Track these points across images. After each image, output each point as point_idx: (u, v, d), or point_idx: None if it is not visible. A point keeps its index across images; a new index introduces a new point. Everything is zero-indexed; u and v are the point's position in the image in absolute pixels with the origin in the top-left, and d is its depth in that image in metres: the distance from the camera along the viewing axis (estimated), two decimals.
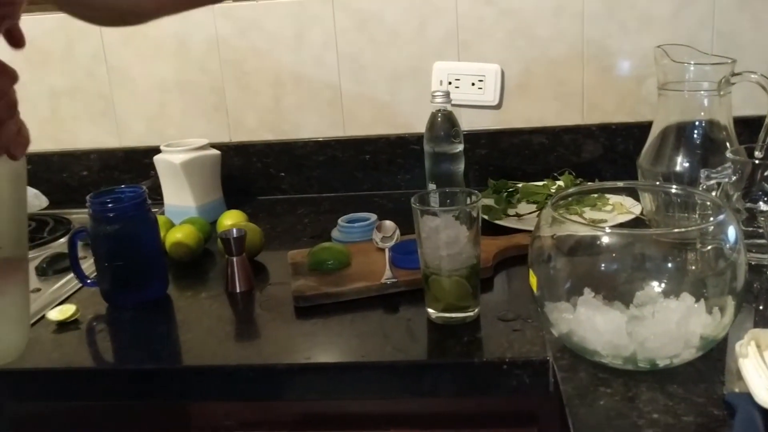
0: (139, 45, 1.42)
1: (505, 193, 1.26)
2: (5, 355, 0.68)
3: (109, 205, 0.96)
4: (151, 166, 1.33)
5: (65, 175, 1.48)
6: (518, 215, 1.18)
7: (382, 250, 0.98)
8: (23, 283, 0.68)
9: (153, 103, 1.44)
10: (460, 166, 1.19)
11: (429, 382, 0.78)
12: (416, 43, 1.37)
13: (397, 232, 0.99)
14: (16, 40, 0.66)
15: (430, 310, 0.86)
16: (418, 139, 1.31)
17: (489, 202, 1.21)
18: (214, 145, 1.34)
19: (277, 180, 1.44)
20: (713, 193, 0.88)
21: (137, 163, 1.45)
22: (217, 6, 1.38)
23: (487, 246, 0.97)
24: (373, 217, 1.16)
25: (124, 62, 1.43)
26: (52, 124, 1.47)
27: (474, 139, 1.37)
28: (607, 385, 0.67)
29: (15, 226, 0.66)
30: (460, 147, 1.18)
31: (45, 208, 1.43)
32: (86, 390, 0.84)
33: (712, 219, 0.71)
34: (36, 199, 1.42)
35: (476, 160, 1.39)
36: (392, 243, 0.98)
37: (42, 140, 1.45)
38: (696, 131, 1.01)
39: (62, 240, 1.25)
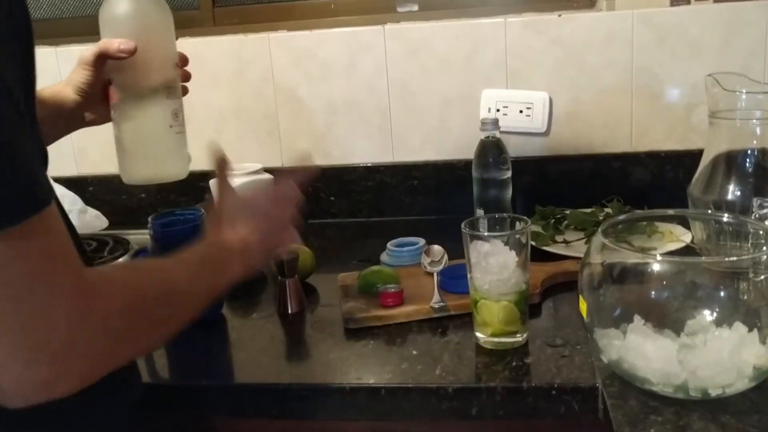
0: (198, 74, 1.47)
1: (553, 220, 1.26)
2: (182, 171, 0.91)
3: (171, 227, 1.00)
4: (207, 189, 1.38)
5: (124, 197, 1.53)
6: (566, 242, 1.18)
7: (431, 274, 0.99)
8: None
9: (210, 129, 1.49)
10: (508, 193, 1.20)
11: (477, 407, 0.79)
12: (465, 71, 1.39)
13: (445, 256, 1.01)
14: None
15: (479, 335, 0.87)
16: (465, 165, 1.33)
17: (536, 228, 1.22)
18: (267, 170, 1.38)
19: (327, 204, 1.47)
20: (766, 222, 0.87)
21: (193, 187, 1.49)
22: (273, 35, 1.43)
23: (535, 272, 0.98)
24: (422, 241, 1.18)
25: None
26: (113, 149, 1.53)
27: (522, 165, 1.37)
28: (657, 413, 0.67)
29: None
30: (508, 173, 1.19)
31: (105, 229, 1.49)
32: (144, 403, 0.87)
33: (765, 248, 0.71)
34: (97, 220, 1.48)
35: (524, 186, 1.39)
36: (441, 267, 0.99)
37: (103, 163, 1.52)
38: (748, 159, 1.00)
39: (121, 259, 1.29)
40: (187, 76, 0.93)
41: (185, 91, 0.92)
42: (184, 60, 0.91)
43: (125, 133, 0.86)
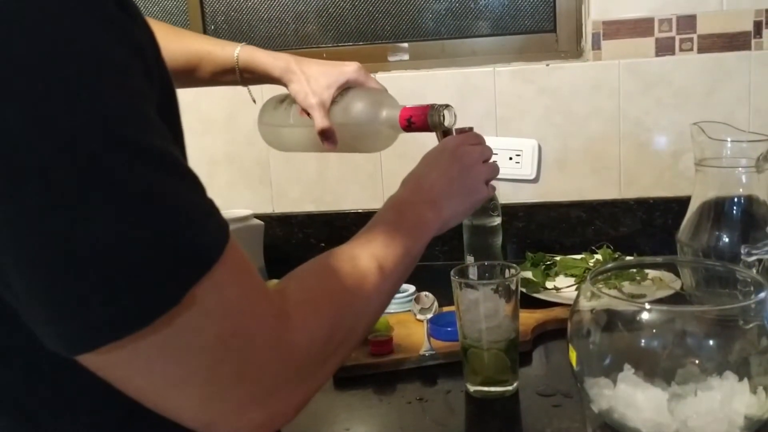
0: (191, 120, 1.49)
1: (543, 266, 1.26)
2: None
3: None
4: None
5: None
6: (556, 288, 1.18)
7: (421, 321, 0.99)
8: None
9: (201, 174, 1.49)
10: (498, 239, 1.20)
11: None
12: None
13: (435, 303, 1.00)
14: None
15: (469, 385, 0.86)
16: None
17: (527, 275, 1.22)
18: (257, 216, 1.38)
19: (317, 250, 1.46)
20: (754, 270, 0.88)
21: None
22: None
23: (525, 319, 0.97)
24: (412, 288, 1.18)
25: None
26: None
27: (512, 212, 1.38)
28: None
29: None
30: (498, 220, 1.19)
31: None
32: None
33: (753, 297, 0.71)
34: None
35: (514, 232, 1.40)
36: (431, 315, 0.98)
37: None
38: (735, 207, 1.01)
39: None
40: None
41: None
42: None
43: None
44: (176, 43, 0.89)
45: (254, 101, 1.02)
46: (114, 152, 0.39)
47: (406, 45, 1.48)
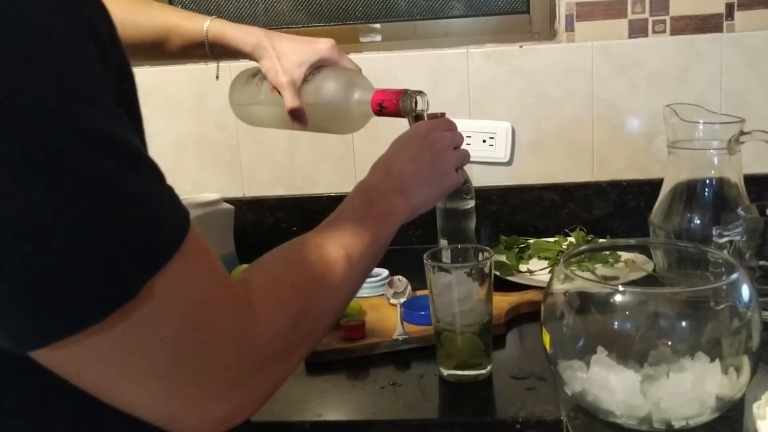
0: (157, 102, 1.46)
1: (517, 249, 1.26)
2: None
3: None
4: None
5: None
6: (530, 271, 1.18)
7: (394, 305, 0.98)
8: None
9: (169, 157, 1.47)
10: (472, 223, 1.19)
11: None
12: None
13: (409, 287, 0.99)
14: None
15: (442, 369, 0.85)
16: None
17: (501, 258, 1.21)
18: (227, 200, 1.36)
19: (289, 234, 1.44)
20: (726, 251, 0.88)
21: None
22: (235, 64, 1.42)
23: (499, 302, 0.97)
24: (385, 272, 1.17)
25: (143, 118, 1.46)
26: None
27: (485, 195, 1.38)
28: None
29: None
30: (472, 203, 1.18)
31: None
32: None
33: (725, 278, 0.71)
34: None
35: (487, 216, 1.39)
36: (404, 299, 0.98)
37: None
38: (707, 189, 1.01)
39: None
40: None
41: None
42: None
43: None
44: (143, 16, 0.86)
45: (217, 78, 0.99)
46: (63, 138, 0.37)
47: (378, 26, 1.46)
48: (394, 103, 0.83)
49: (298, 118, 0.87)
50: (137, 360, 0.41)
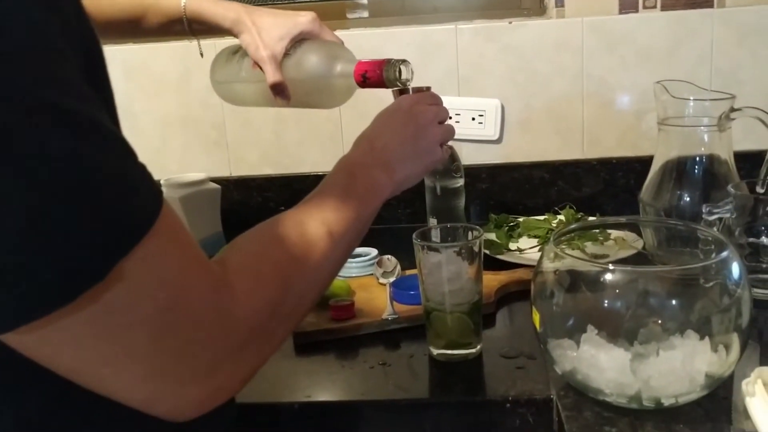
0: (142, 80, 1.43)
1: (507, 228, 1.25)
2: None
3: None
4: None
5: None
6: (520, 250, 1.18)
7: (383, 285, 0.97)
8: None
9: (154, 137, 1.45)
10: (461, 201, 1.18)
11: (431, 421, 0.77)
12: (416, 78, 1.37)
13: (398, 267, 0.99)
14: None
15: (432, 348, 0.85)
16: None
17: (490, 236, 1.21)
18: (214, 180, 1.34)
19: (277, 213, 1.44)
20: (715, 229, 0.88)
21: None
22: (221, 41, 1.40)
23: (488, 281, 0.96)
24: (374, 251, 1.16)
25: (127, 97, 1.44)
26: None
27: (475, 173, 1.37)
28: (612, 424, 0.66)
29: None
30: (461, 181, 1.18)
31: None
32: None
33: (714, 255, 0.70)
34: None
35: (477, 194, 1.38)
36: (393, 278, 0.97)
37: None
38: (697, 166, 1.01)
39: None
40: None
41: None
42: None
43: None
44: None
45: (201, 55, 0.98)
46: (30, 116, 0.35)
47: (365, 1, 1.44)
48: (378, 74, 0.82)
49: (280, 92, 0.85)
50: (111, 343, 0.41)
